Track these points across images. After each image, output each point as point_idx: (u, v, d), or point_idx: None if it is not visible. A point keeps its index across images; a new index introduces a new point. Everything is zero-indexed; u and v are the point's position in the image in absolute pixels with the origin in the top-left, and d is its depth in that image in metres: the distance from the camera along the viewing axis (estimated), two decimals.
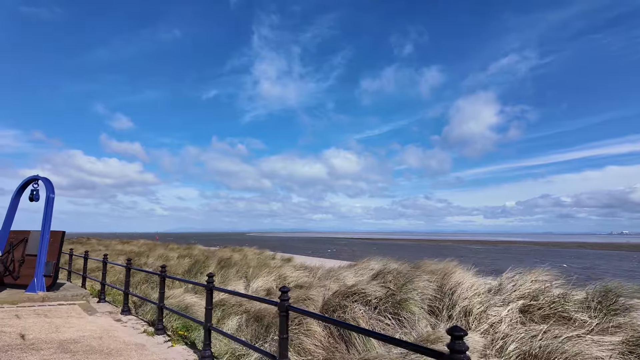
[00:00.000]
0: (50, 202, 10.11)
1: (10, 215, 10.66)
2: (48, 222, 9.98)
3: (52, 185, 10.32)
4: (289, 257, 20.95)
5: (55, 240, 10.03)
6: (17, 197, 10.76)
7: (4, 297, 8.89)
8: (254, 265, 16.85)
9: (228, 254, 20.48)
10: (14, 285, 10.06)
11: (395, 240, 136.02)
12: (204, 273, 17.18)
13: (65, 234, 10.22)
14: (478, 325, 6.24)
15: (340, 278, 11.93)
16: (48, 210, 10.04)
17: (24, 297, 8.94)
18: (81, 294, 9.65)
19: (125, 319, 8.29)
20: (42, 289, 9.56)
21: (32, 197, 10.49)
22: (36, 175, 10.52)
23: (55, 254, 9.88)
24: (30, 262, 10.12)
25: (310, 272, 14.11)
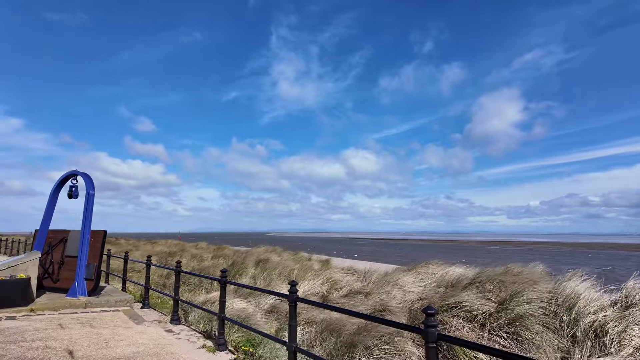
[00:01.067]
0: (90, 199, 9.35)
1: (49, 213, 9.96)
2: (88, 221, 9.21)
3: (91, 181, 9.56)
4: (326, 259, 19.90)
5: (96, 240, 9.26)
6: (55, 194, 10.06)
7: (44, 302, 8.13)
8: (294, 267, 15.87)
9: (264, 255, 19.60)
10: (53, 288, 9.34)
11: (416, 241, 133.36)
12: (244, 275, 16.33)
13: (107, 233, 9.45)
14: (619, 348, 5.00)
15: (400, 284, 10.78)
16: (88, 208, 9.28)
17: (66, 303, 8.16)
18: (124, 299, 8.83)
19: (177, 329, 7.39)
20: (84, 294, 8.78)
21: (71, 193, 9.75)
22: (75, 171, 9.78)
23: (97, 255, 9.10)
24: (70, 264, 9.37)
25: (360, 275, 13.01)
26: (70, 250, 9.47)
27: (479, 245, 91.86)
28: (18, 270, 8.14)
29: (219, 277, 6.54)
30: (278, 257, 18.97)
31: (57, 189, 10.06)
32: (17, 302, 7.59)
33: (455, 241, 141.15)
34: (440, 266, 11.80)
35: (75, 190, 9.78)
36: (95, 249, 9.16)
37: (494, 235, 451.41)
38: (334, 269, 13.24)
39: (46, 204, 9.98)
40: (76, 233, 9.49)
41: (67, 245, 9.57)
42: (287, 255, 21.05)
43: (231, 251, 26.24)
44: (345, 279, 12.24)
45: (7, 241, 26.66)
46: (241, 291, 13.23)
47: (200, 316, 8.06)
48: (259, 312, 9.93)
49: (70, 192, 9.75)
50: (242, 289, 13.36)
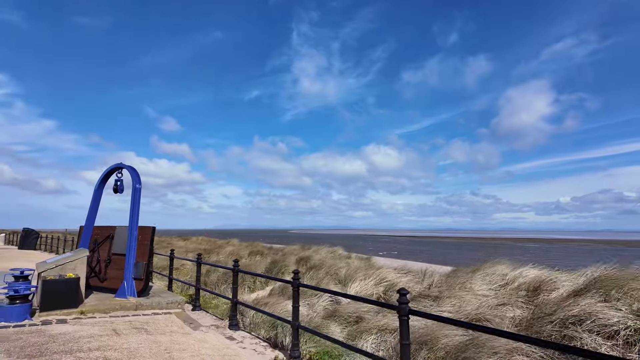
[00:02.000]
0: (137, 194, 8.76)
1: (94, 209, 9.47)
2: (135, 217, 8.63)
3: (138, 175, 8.98)
4: (366, 257, 18.97)
5: (144, 237, 8.67)
6: (99, 189, 9.55)
7: (93, 303, 7.58)
8: (339, 265, 15.03)
9: (303, 252, 18.85)
10: (100, 288, 8.82)
11: (443, 239, 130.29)
12: (286, 273, 15.61)
13: (156, 230, 8.85)
14: None
15: (469, 287, 9.74)
16: (135, 202, 8.70)
17: (116, 304, 7.59)
18: (175, 300, 8.20)
19: (238, 336, 6.66)
20: (133, 294, 8.20)
21: (117, 188, 9.21)
22: (120, 164, 9.23)
23: (145, 253, 8.51)
24: (117, 262, 8.83)
25: (416, 276, 12.03)
26: (117, 247, 8.93)
27: (509, 243, 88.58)
28: (67, 270, 7.63)
29: (291, 280, 5.74)
30: (318, 255, 18.18)
31: (102, 183, 9.55)
32: (67, 303, 7.05)
33: (483, 239, 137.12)
34: (509, 267, 10.67)
35: (120, 185, 9.24)
36: (143, 247, 8.57)
37: (523, 232, 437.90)
38: (387, 268, 12.31)
39: (91, 199, 9.49)
40: (123, 230, 8.94)
41: (114, 243, 9.04)
42: (324, 252, 20.23)
43: (264, 248, 25.69)
44: (402, 280, 11.28)
45: (47, 237, 27.03)
46: (287, 291, 12.50)
47: (261, 321, 7.33)
48: (317, 316, 9.14)
49: (116, 186, 9.21)
50: (287, 288, 12.63)
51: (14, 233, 38.41)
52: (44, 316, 6.76)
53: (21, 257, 20.43)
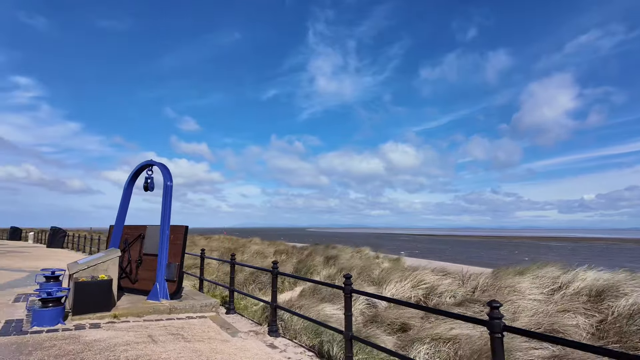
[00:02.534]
0: (168, 191, 8.41)
1: (124, 207, 9.19)
2: (167, 216, 8.28)
3: (169, 172, 8.63)
4: (395, 258, 18.32)
5: (176, 237, 8.31)
6: (129, 187, 9.26)
7: (126, 306, 7.25)
8: (368, 265, 14.45)
9: (329, 251, 18.36)
10: (132, 290, 8.52)
11: (463, 237, 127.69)
12: (315, 273, 15.15)
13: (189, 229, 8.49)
14: None
15: (518, 290, 9.03)
16: (166, 201, 8.34)
17: (149, 308, 7.23)
18: (209, 303, 7.81)
19: (279, 343, 6.19)
20: (166, 297, 7.85)
21: (147, 185, 8.89)
22: (150, 161, 8.91)
23: (178, 254, 8.15)
24: (149, 263, 8.51)
25: (455, 278, 11.36)
26: (149, 247, 8.61)
27: (532, 242, 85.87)
28: (98, 271, 7.32)
29: (343, 285, 5.23)
30: (345, 255, 17.65)
31: (132, 181, 9.26)
32: (100, 306, 6.73)
33: (504, 237, 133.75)
34: (559, 269, 9.90)
35: (151, 182, 8.92)
36: (176, 247, 8.21)
37: (545, 230, 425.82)
38: (423, 270, 11.67)
39: (121, 197, 9.21)
40: (154, 229, 8.61)
41: (145, 243, 8.72)
42: (350, 252, 19.67)
43: (287, 247, 25.32)
44: (442, 282, 10.63)
45: (74, 236, 27.38)
46: (319, 293, 12.03)
47: (302, 327, 6.85)
48: (357, 321, 8.60)
49: (146, 184, 8.89)
50: (318, 289, 12.15)
51: (42, 232, 39.30)
52: (76, 320, 6.45)
53: (50, 255, 20.61)
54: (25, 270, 13.29)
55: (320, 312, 8.88)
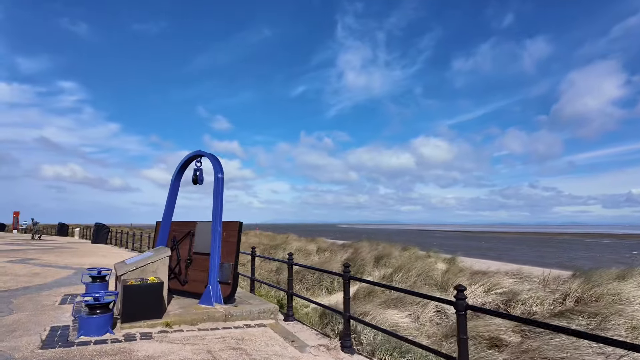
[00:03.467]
0: (219, 184, 7.60)
1: (171, 202, 8.49)
2: (219, 210, 7.47)
3: (219, 163, 7.82)
4: (449, 258, 16.92)
5: (230, 234, 7.49)
6: (177, 180, 8.54)
7: (178, 312, 6.48)
8: (423, 267, 13.22)
9: (381, 250, 17.23)
10: (181, 292, 7.80)
11: (500, 234, 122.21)
12: (366, 274, 14.10)
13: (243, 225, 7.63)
14: None
15: (624, 298, 7.60)
16: (218, 194, 7.54)
17: (202, 314, 6.43)
18: (267, 309, 6.92)
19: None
20: (220, 301, 7.05)
21: (196, 178, 8.13)
22: (199, 151, 8.13)
23: (232, 252, 7.32)
24: (200, 262, 7.75)
25: (532, 282, 9.98)
26: (199, 246, 7.85)
27: (577, 239, 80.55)
28: (147, 272, 6.60)
29: (454, 300, 4.12)
30: (395, 252, 16.46)
31: (179, 173, 8.53)
32: (151, 313, 5.98)
33: (545, 234, 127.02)
34: None
35: (200, 175, 8.15)
36: (229, 245, 7.39)
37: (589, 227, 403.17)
38: (496, 273, 10.36)
39: (168, 191, 8.51)
40: (205, 225, 7.84)
41: (195, 240, 7.97)
42: (398, 250, 18.43)
43: (326, 244, 24.38)
44: (521, 287, 9.28)
45: (117, 232, 27.71)
46: (376, 295, 10.99)
47: (380, 340, 5.83)
48: (434, 333, 7.48)
49: (195, 176, 8.13)
50: (375, 291, 11.11)
51: (86, 228, 40.53)
52: (126, 328, 5.72)
53: (95, 251, 20.72)
54: (71, 267, 13.07)
55: (388, 320, 7.84)
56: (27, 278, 10.41)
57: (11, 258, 15.37)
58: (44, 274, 11.22)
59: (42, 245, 24.62)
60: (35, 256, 16.56)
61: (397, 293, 10.92)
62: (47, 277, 10.80)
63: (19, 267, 12.48)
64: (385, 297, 10.46)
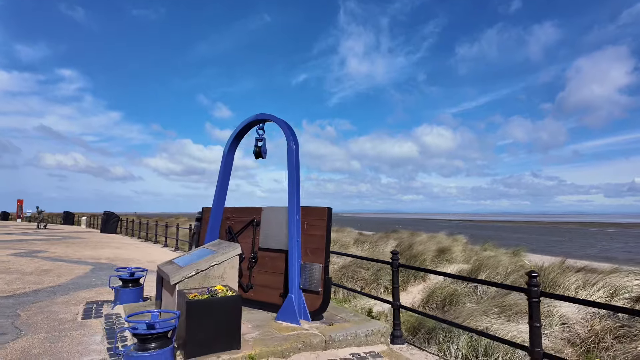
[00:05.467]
0: (294, 157, 5.60)
1: (224, 182, 6.49)
2: (296, 192, 5.49)
3: (292, 131, 5.79)
4: (511, 251, 14.95)
5: (313, 224, 5.49)
6: (231, 153, 6.53)
7: (256, 336, 4.53)
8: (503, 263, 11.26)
9: (440, 242, 15.29)
10: (247, 301, 5.81)
11: (506, 223, 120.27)
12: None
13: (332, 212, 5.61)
14: None
15: None
16: (293, 171, 5.54)
17: (293, 339, 4.47)
18: (375, 329, 4.96)
19: None
20: (306, 318, 5.10)
21: (259, 150, 6.11)
22: (261, 114, 6.09)
23: (320, 250, 5.33)
24: (268, 262, 5.78)
25: None
26: (268, 239, 5.87)
27: (580, 228, 78.53)
28: (211, 278, 4.65)
29: None
30: (454, 244, 14.53)
31: (234, 144, 6.51)
32: (226, 341, 4.02)
33: (549, 223, 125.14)
34: None
35: (263, 146, 6.13)
36: (314, 240, 5.40)
37: (591, 216, 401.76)
38: (619, 272, 8.44)
39: (219, 169, 6.50)
40: (275, 212, 5.86)
41: (262, 232, 5.98)
42: (448, 241, 16.49)
43: (359, 235, 22.47)
44: None
45: (127, 221, 25.78)
46: (455, 296, 9.10)
47: None
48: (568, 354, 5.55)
49: (258, 148, 6.11)
50: (455, 292, 9.21)
51: (92, 216, 38.72)
52: None
53: (107, 242, 18.84)
54: (86, 262, 11.16)
55: (511, 334, 5.90)
56: (36, 277, 8.49)
57: (16, 250, 13.48)
58: (55, 271, 9.31)
59: (48, 234, 22.77)
60: (42, 248, 14.67)
61: (486, 295, 9.01)
62: (59, 275, 8.88)
63: (26, 262, 10.57)
64: (475, 302, 8.55)
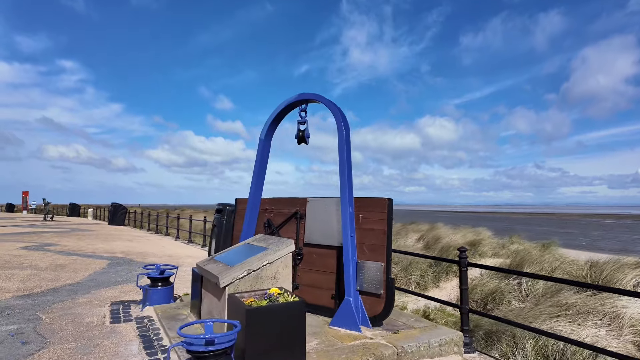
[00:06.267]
0: (345, 141, 4.96)
1: (261, 170, 5.86)
2: (348, 179, 4.86)
3: (342, 113, 5.13)
4: (541, 245, 14.28)
5: (370, 218, 4.86)
6: (268, 138, 5.89)
7: (316, 347, 3.93)
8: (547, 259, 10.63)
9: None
10: None
11: (508, 214, 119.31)
12: None
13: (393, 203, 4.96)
14: None
15: None
16: (344, 157, 4.90)
17: (361, 350, 3.88)
18: (449, 338, 4.35)
19: None
20: (366, 324, 4.50)
21: (302, 135, 5.47)
22: (304, 94, 5.43)
23: (380, 247, 4.70)
24: (316, 259, 5.17)
25: None
26: (314, 234, 5.25)
27: (585, 220, 77.45)
28: (263, 280, 4.05)
29: None
30: (487, 240, 13.90)
31: (272, 128, 5.87)
32: (290, 355, 3.43)
33: (552, 214, 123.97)
34: None
35: (306, 129, 5.48)
36: (373, 235, 4.78)
37: (594, 207, 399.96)
38: None
39: (255, 156, 5.86)
40: (322, 204, 5.23)
41: (307, 225, 5.36)
42: (471, 235, 15.83)
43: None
44: None
45: (135, 213, 25.26)
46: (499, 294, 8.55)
47: None
48: None
49: (301, 133, 5.46)
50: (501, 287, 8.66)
51: (97, 208, 38.29)
52: None
53: (118, 234, 18.33)
54: (102, 256, 10.61)
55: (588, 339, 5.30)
56: (52, 273, 7.94)
57: (27, 243, 12.96)
58: (71, 267, 8.77)
59: (56, 226, 22.30)
60: (53, 240, 14.16)
61: (531, 293, 8.41)
62: (76, 270, 8.33)
63: (39, 256, 10.03)
64: (520, 300, 7.97)
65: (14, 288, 6.47)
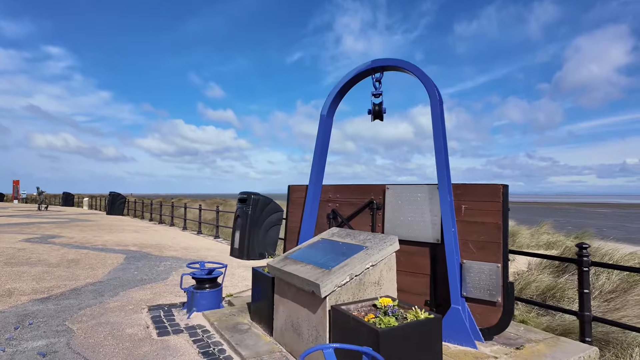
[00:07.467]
0: (439, 116, 4.09)
1: (322, 153, 4.98)
2: (445, 165, 4.01)
3: (433, 82, 4.24)
4: (573, 236, 13.62)
5: (477, 208, 4.01)
6: (330, 114, 4.99)
7: None
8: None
9: None
10: None
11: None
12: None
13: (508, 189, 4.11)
14: None
15: None
16: (439, 135, 4.04)
17: None
18: (585, 355, 3.57)
19: None
20: (478, 337, 3.70)
21: (379, 110, 4.58)
22: (378, 60, 4.53)
23: (495, 244, 3.87)
24: (403, 258, 4.33)
25: None
26: (398, 228, 4.40)
27: (574, 209, 77.69)
28: (366, 286, 3.21)
29: None
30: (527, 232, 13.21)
31: (335, 103, 4.97)
32: None
33: (541, 203, 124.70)
34: None
35: (382, 103, 4.60)
36: (482, 229, 3.94)
37: (583, 196, 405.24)
38: None
39: (316, 137, 4.97)
40: (407, 191, 4.37)
41: (387, 218, 4.50)
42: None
43: None
44: None
45: (135, 202, 24.13)
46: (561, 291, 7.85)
47: None
48: None
49: (377, 107, 4.58)
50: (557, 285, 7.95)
51: (92, 197, 37.00)
52: None
53: (119, 225, 17.32)
54: (114, 250, 9.68)
55: None
56: (67, 270, 7.01)
57: (27, 235, 11.94)
58: (85, 262, 7.84)
59: (53, 217, 21.17)
60: (54, 232, 13.14)
61: (596, 290, 7.72)
62: (92, 267, 7.41)
63: (45, 250, 9.07)
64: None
65: (29, 289, 5.55)
